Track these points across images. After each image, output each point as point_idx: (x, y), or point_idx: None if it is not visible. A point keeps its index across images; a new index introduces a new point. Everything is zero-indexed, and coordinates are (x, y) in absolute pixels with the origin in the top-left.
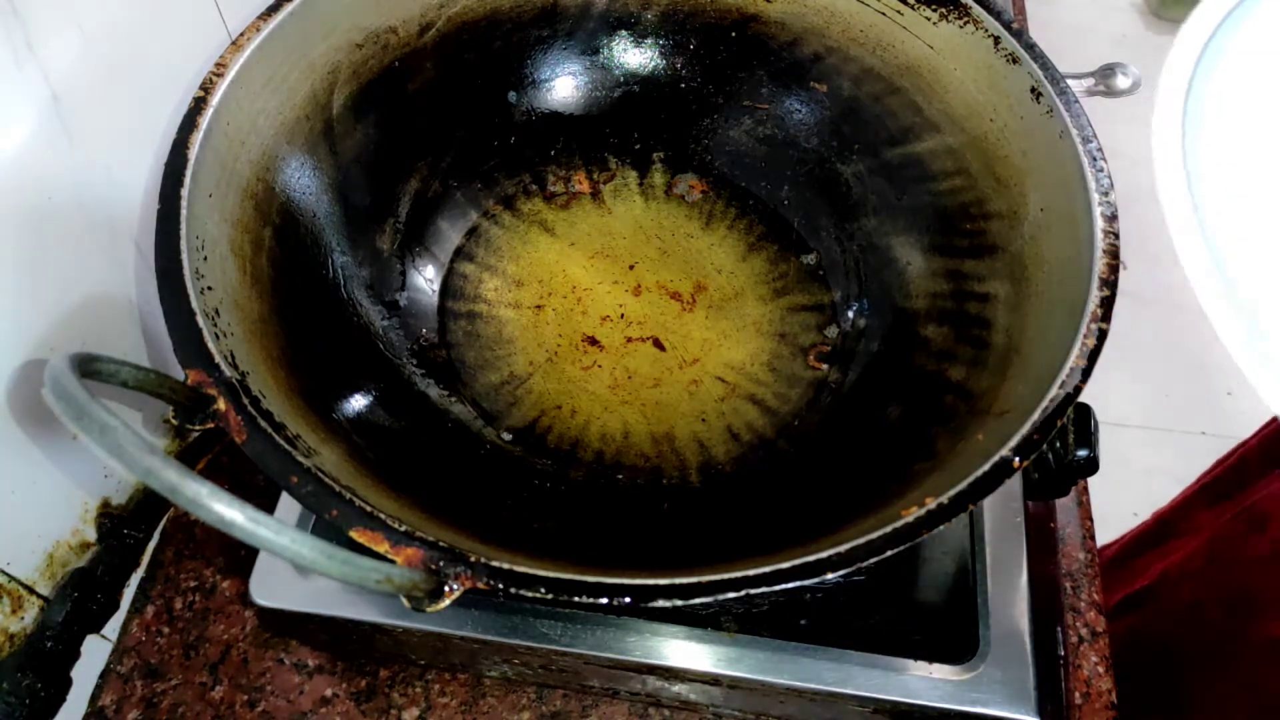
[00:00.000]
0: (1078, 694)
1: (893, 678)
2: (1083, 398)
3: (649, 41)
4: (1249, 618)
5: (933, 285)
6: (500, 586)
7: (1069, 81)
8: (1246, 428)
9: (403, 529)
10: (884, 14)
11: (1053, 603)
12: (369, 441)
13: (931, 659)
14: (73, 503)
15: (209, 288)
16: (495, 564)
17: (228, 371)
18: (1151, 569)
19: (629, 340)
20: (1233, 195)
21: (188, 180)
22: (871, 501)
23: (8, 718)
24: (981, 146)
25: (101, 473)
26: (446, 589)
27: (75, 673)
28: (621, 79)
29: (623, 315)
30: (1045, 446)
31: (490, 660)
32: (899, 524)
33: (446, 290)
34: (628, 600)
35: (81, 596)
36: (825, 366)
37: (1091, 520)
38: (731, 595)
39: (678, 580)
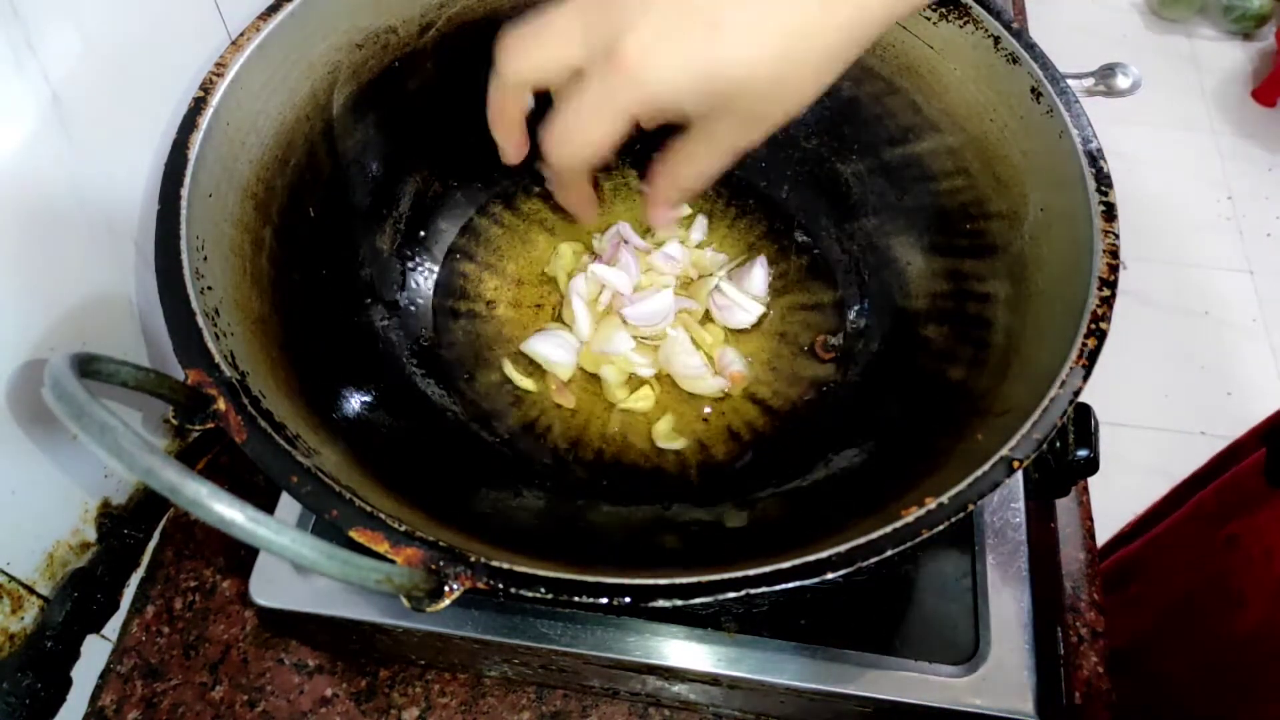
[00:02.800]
0: (1078, 694)
1: (893, 678)
2: (1083, 398)
3: None
4: (1232, 698)
5: (933, 285)
6: (500, 586)
7: (1069, 81)
8: (1245, 427)
9: (403, 529)
10: None
11: (1053, 603)
12: (369, 441)
13: (931, 659)
14: (73, 503)
15: (209, 288)
16: (495, 564)
17: (228, 371)
18: (1119, 622)
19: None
20: None
21: (188, 180)
22: (871, 501)
23: (8, 718)
24: (981, 146)
25: (101, 473)
26: (446, 589)
27: (75, 673)
28: None
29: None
30: (1045, 446)
31: (490, 660)
32: (899, 524)
33: (446, 290)
34: (628, 600)
35: (81, 596)
36: (826, 366)
37: (1091, 520)
38: (731, 595)
39: (678, 580)
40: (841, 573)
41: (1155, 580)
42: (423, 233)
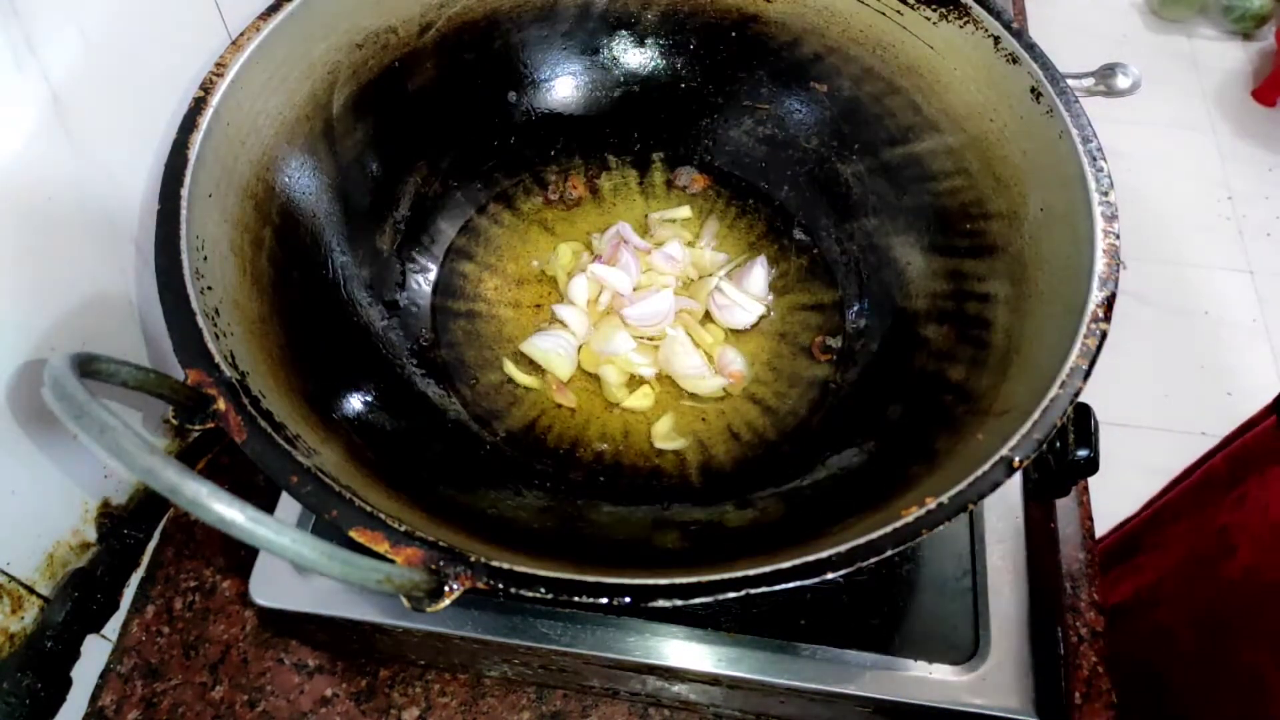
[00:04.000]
0: (1078, 694)
1: (893, 678)
2: (1083, 398)
3: (649, 41)
4: (1225, 644)
5: (933, 285)
6: (500, 586)
7: (1069, 81)
8: None
9: (403, 529)
10: (884, 14)
11: (1053, 603)
12: (369, 441)
13: (931, 659)
14: (73, 503)
15: (209, 288)
16: (495, 564)
17: (228, 371)
18: (1122, 585)
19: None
20: None
21: (188, 180)
22: (871, 501)
23: (8, 718)
24: (981, 146)
25: (101, 473)
26: (446, 589)
27: (75, 673)
28: (621, 79)
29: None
30: (1045, 446)
31: (490, 660)
32: (899, 523)
33: (446, 289)
34: (628, 600)
35: (81, 596)
36: (825, 366)
37: (1091, 520)
38: (731, 595)
39: (678, 580)
40: (841, 573)
41: (1161, 543)
42: (423, 233)
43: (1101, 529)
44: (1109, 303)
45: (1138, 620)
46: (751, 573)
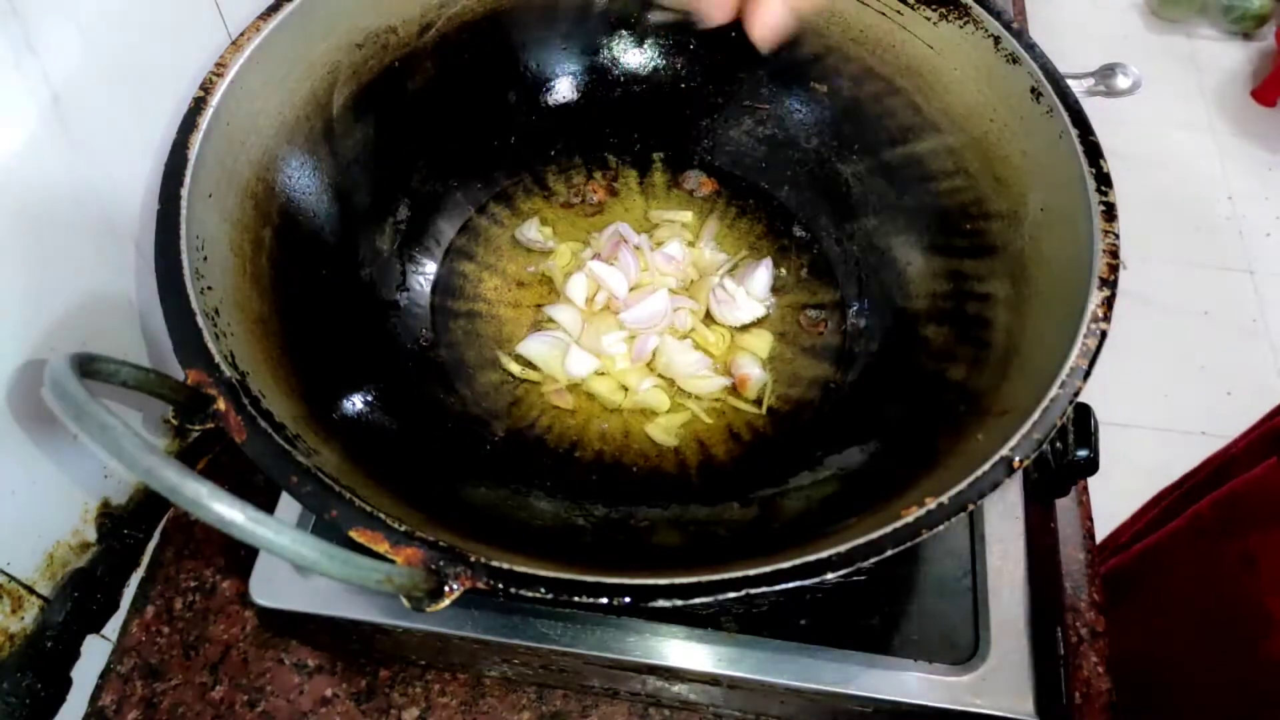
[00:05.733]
0: (1078, 694)
1: (893, 678)
2: (1083, 398)
3: (649, 41)
4: (1252, 650)
5: (933, 285)
6: (500, 586)
7: (1069, 81)
8: (1246, 427)
9: (403, 529)
10: (884, 14)
11: (1053, 603)
12: (370, 441)
13: (931, 659)
14: (73, 503)
15: (209, 288)
16: (495, 564)
17: (228, 371)
18: (1116, 637)
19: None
20: None
21: (188, 180)
22: (871, 501)
23: (8, 718)
24: (981, 146)
25: (101, 473)
26: (446, 589)
27: (75, 673)
28: (621, 79)
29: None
30: (1045, 446)
31: (490, 660)
32: (899, 524)
33: (446, 289)
34: (628, 600)
35: (81, 596)
36: (826, 366)
37: (1091, 520)
38: (731, 595)
39: (678, 580)
40: (841, 573)
41: (1157, 594)
42: (423, 233)
43: (1101, 529)
44: (1109, 303)
45: (1147, 679)
46: (751, 573)
